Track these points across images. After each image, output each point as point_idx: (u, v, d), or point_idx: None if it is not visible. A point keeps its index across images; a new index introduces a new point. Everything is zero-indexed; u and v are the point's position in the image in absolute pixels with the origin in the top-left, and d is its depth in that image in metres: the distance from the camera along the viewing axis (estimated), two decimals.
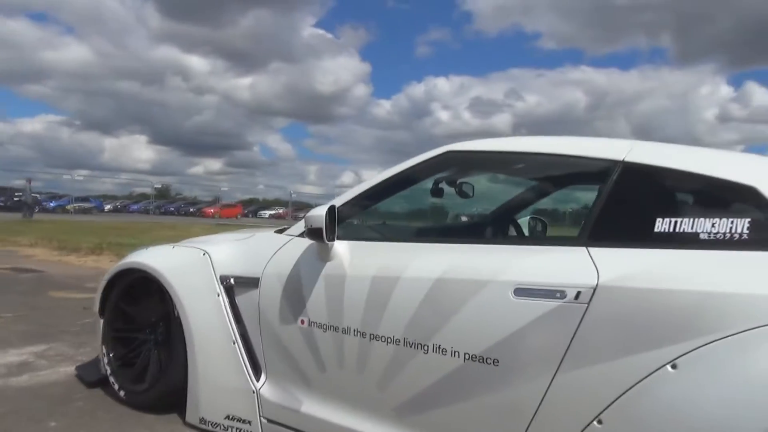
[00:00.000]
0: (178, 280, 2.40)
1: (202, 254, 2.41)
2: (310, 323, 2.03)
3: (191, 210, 41.08)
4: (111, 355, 2.70)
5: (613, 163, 1.67)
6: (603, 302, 1.46)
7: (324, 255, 2.04)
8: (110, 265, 7.91)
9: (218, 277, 2.32)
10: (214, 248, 2.42)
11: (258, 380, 2.20)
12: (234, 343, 2.24)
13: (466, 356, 1.65)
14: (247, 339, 2.24)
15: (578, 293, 1.49)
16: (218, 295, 2.30)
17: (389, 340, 1.82)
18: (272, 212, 47.06)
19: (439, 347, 1.71)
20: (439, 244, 1.97)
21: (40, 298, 5.10)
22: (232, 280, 2.29)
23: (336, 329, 1.96)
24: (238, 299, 2.27)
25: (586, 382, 1.45)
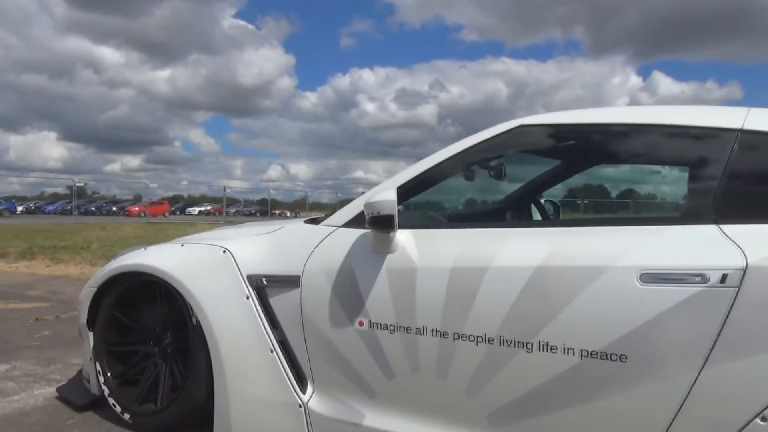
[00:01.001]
0: (196, 283, 2.07)
1: (221, 252, 2.09)
2: (371, 324, 1.78)
3: (114, 209, 38.93)
4: (108, 373, 2.33)
5: (732, 132, 1.52)
6: (756, 284, 1.30)
7: (384, 247, 1.79)
8: (47, 271, 7.33)
9: (245, 277, 2.02)
10: (235, 245, 2.11)
11: (304, 392, 1.92)
12: (272, 352, 1.94)
13: (584, 353, 1.46)
14: (287, 346, 1.95)
15: (724, 276, 1.33)
16: (247, 298, 1.99)
17: (480, 339, 1.60)
18: (201, 209, 45.42)
19: (546, 345, 1.51)
20: (532, 229, 1.76)
21: None
22: (263, 280, 1.99)
23: (407, 330, 1.72)
24: (273, 301, 1.98)
25: (744, 375, 1.30)
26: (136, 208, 37.50)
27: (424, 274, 1.71)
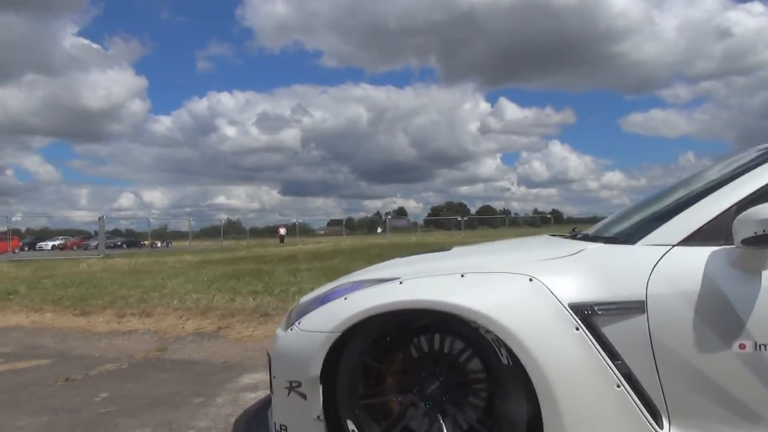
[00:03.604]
0: (511, 317, 1.84)
1: (528, 280, 1.89)
2: (756, 347, 1.67)
3: None
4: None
5: None
6: None
7: (759, 264, 1.70)
8: None
9: (567, 307, 1.83)
10: (538, 272, 1.91)
11: (661, 428, 1.76)
12: (619, 387, 1.77)
13: None
14: (633, 378, 1.79)
15: None
16: (577, 329, 1.81)
17: None
18: (55, 243, 41.15)
19: None
20: None
21: None
22: (596, 308, 1.81)
23: None
24: (607, 330, 1.81)
25: None
26: None
27: None
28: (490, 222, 78.02)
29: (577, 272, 1.91)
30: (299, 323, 2.18)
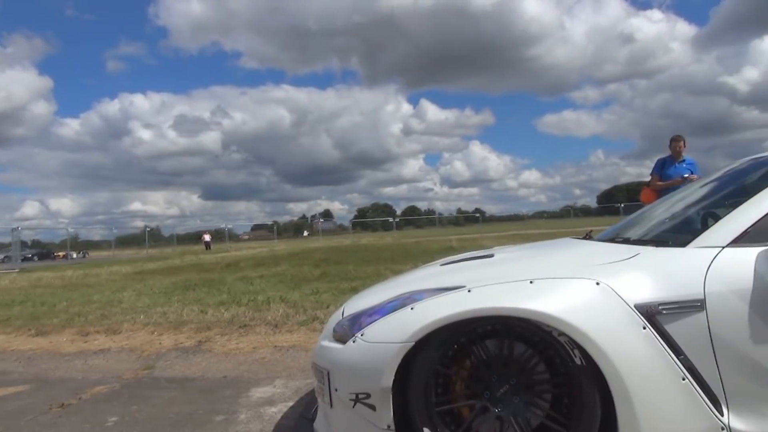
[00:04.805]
0: (585, 320, 1.97)
1: (595, 284, 2.03)
2: None
3: None
4: None
5: None
6: None
7: None
8: None
9: (633, 307, 1.98)
10: (604, 276, 2.05)
11: (722, 415, 1.94)
12: (684, 380, 1.94)
13: None
14: (695, 371, 1.96)
15: None
16: (644, 328, 1.96)
17: None
18: None
19: None
20: None
21: None
22: (660, 308, 1.97)
23: None
24: (670, 328, 1.97)
25: None
26: None
27: None
28: (415, 222, 79.21)
29: (638, 274, 2.07)
30: (362, 335, 2.20)
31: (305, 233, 71.77)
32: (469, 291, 2.15)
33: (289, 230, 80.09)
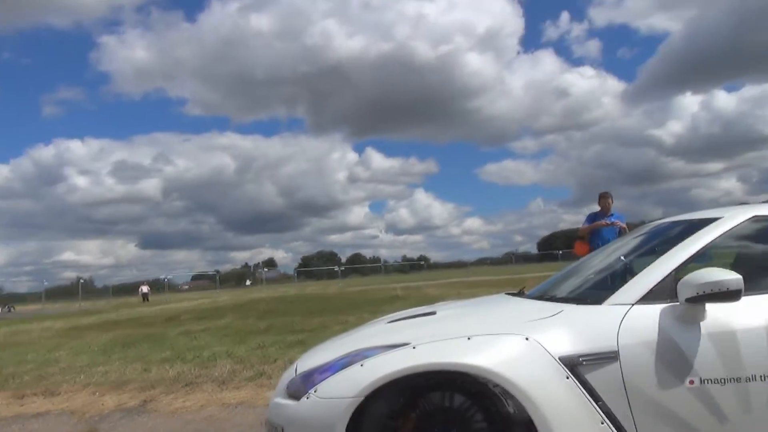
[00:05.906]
0: (516, 373, 2.21)
1: (524, 339, 2.27)
2: (702, 381, 2.18)
3: None
4: None
5: None
6: None
7: (700, 315, 2.23)
8: None
9: (557, 360, 2.24)
10: (531, 332, 2.30)
11: None
12: (602, 423, 2.19)
13: None
14: (612, 416, 2.21)
15: None
16: (567, 378, 2.21)
17: None
18: None
19: None
20: None
21: None
22: (581, 359, 2.23)
23: (737, 380, 2.16)
24: (590, 377, 2.23)
25: None
26: None
27: (744, 334, 2.20)
28: (360, 270, 79.21)
29: (561, 330, 2.33)
30: (315, 391, 2.36)
31: (248, 282, 70.50)
32: (414, 348, 2.36)
33: (231, 279, 78.02)
